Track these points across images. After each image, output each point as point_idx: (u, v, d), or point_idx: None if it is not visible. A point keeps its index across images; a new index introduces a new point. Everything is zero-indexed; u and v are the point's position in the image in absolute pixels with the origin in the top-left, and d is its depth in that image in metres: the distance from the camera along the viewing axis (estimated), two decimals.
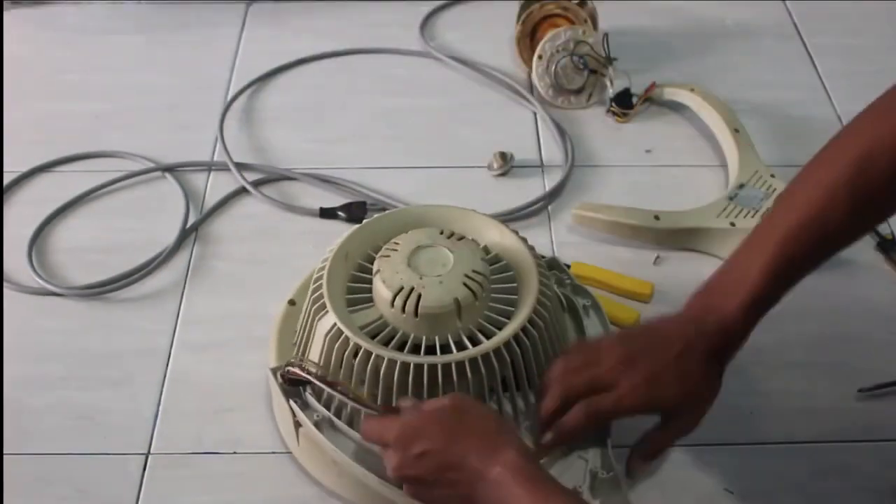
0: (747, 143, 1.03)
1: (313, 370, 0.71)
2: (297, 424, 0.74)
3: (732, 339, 0.69)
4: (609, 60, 1.12)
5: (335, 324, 0.71)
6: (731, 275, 0.70)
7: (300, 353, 0.76)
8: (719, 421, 0.81)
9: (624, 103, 1.12)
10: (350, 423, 0.72)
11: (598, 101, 1.14)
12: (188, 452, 0.80)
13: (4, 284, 0.93)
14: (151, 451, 0.80)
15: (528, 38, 1.17)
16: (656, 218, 0.95)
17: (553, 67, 1.11)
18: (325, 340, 0.71)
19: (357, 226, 0.80)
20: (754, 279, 0.67)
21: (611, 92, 1.12)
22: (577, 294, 0.83)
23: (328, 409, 0.73)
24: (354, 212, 0.99)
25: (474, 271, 0.72)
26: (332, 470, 0.74)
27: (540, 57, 1.12)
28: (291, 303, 0.82)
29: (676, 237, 0.96)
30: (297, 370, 0.71)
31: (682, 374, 0.68)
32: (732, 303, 0.68)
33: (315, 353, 0.73)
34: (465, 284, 0.71)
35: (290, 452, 0.79)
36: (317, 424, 0.72)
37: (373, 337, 0.71)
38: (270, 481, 0.78)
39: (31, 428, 0.81)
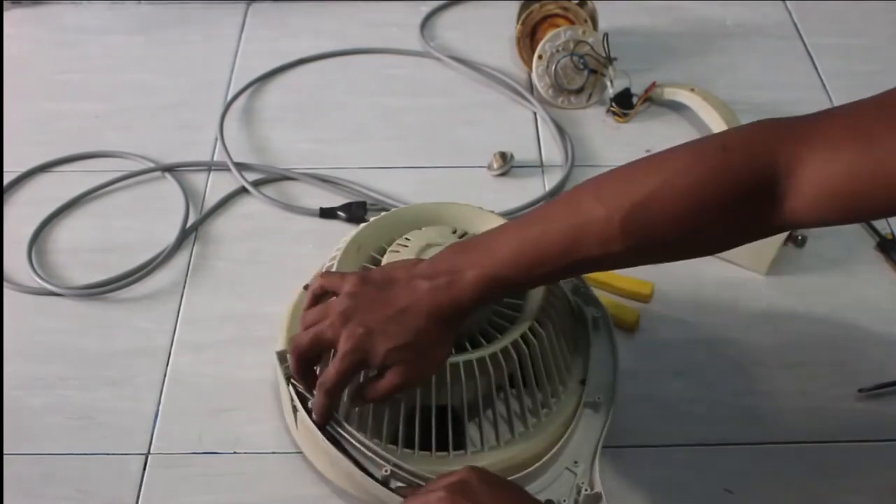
0: None
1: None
2: (295, 409, 0.73)
3: (461, 306, 0.65)
4: (609, 60, 1.12)
5: None
6: (490, 244, 0.66)
7: None
8: (719, 421, 0.82)
9: (624, 103, 1.12)
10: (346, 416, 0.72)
11: (598, 101, 1.14)
12: (188, 452, 0.80)
13: (4, 284, 0.93)
14: (151, 451, 0.80)
15: (528, 38, 1.17)
16: None
17: (553, 67, 1.11)
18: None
19: (374, 218, 0.79)
20: (503, 263, 0.64)
21: (611, 92, 1.12)
22: (588, 304, 0.82)
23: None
24: (354, 212, 0.99)
25: None
26: (326, 457, 0.73)
27: (540, 57, 1.12)
28: (307, 287, 0.81)
29: None
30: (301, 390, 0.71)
31: (397, 330, 0.65)
32: (472, 274, 0.65)
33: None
34: None
35: (290, 452, 0.79)
36: (308, 411, 0.71)
37: None
38: (271, 481, 0.78)
39: (31, 428, 0.81)
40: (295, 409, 0.72)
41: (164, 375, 0.85)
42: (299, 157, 1.07)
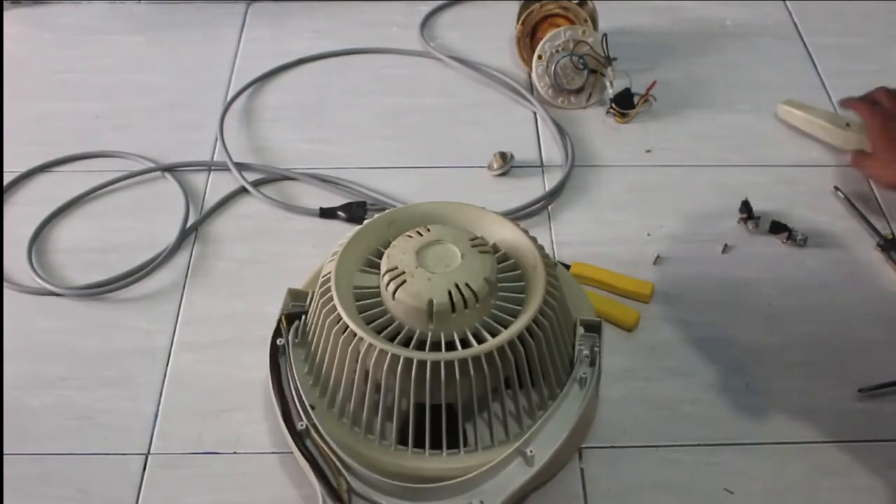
0: None
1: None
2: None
3: None
4: (608, 60, 1.12)
5: (329, 274, 0.72)
6: None
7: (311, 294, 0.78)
8: (719, 421, 0.82)
9: (624, 103, 1.12)
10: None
11: (598, 101, 1.14)
12: (188, 452, 0.80)
13: (4, 284, 0.93)
14: (151, 451, 0.80)
15: (529, 37, 1.17)
16: (847, 125, 1.05)
17: (553, 67, 1.11)
18: (318, 287, 0.73)
19: (416, 203, 0.81)
20: None
21: (610, 92, 1.12)
22: (584, 362, 0.77)
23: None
24: (354, 212, 0.99)
25: (467, 285, 0.70)
26: None
27: (540, 57, 1.12)
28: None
29: (861, 148, 1.03)
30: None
31: None
32: None
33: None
34: (448, 292, 0.70)
35: (289, 452, 0.79)
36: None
37: (358, 300, 0.72)
38: (270, 481, 0.78)
39: (31, 428, 0.81)
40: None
41: (164, 375, 0.85)
42: (299, 157, 1.07)
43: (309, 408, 0.73)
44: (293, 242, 0.97)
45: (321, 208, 1.00)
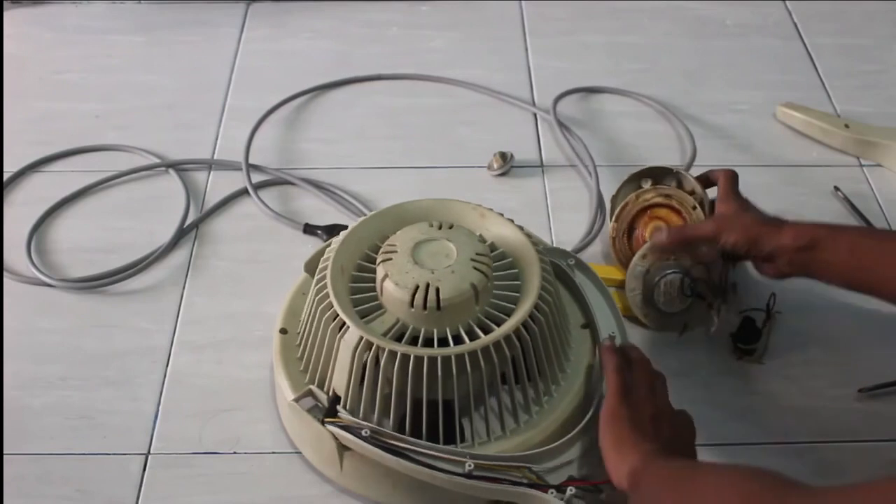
0: None
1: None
2: (343, 448, 0.73)
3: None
4: (726, 292, 0.87)
5: (362, 336, 0.70)
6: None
7: (317, 376, 0.75)
8: (719, 421, 0.82)
9: (749, 337, 0.87)
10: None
11: (694, 333, 0.89)
12: (188, 452, 0.80)
13: (4, 284, 0.93)
14: (151, 451, 0.80)
15: (626, 235, 0.92)
16: (846, 126, 1.07)
17: (657, 278, 0.86)
18: (353, 354, 0.70)
19: (340, 238, 0.78)
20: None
21: (714, 328, 0.86)
22: (556, 256, 0.83)
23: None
24: (337, 234, 0.96)
25: (478, 254, 0.73)
26: (387, 482, 0.73)
27: (645, 256, 0.86)
28: (283, 331, 0.80)
29: (862, 147, 1.07)
30: (348, 423, 0.71)
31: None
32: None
33: (342, 369, 0.72)
34: (475, 269, 0.72)
35: (289, 452, 0.79)
36: (367, 439, 0.70)
37: (397, 340, 0.71)
38: (271, 481, 0.78)
39: (31, 428, 0.81)
40: (345, 449, 0.73)
41: (164, 375, 0.85)
42: (299, 157, 1.07)
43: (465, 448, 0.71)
44: (293, 242, 0.97)
45: (305, 224, 0.98)
